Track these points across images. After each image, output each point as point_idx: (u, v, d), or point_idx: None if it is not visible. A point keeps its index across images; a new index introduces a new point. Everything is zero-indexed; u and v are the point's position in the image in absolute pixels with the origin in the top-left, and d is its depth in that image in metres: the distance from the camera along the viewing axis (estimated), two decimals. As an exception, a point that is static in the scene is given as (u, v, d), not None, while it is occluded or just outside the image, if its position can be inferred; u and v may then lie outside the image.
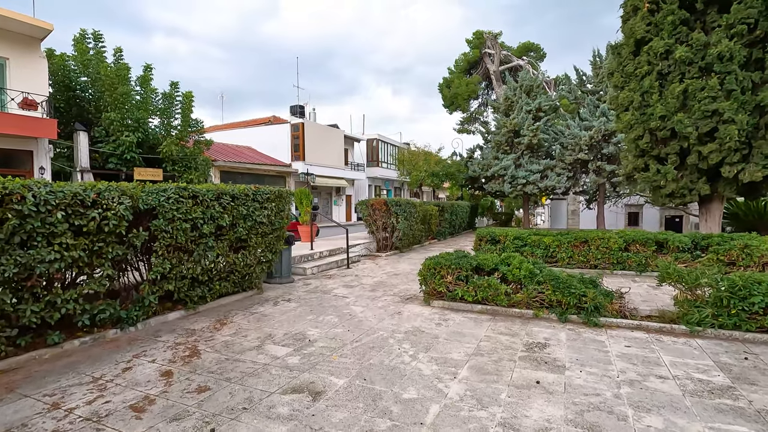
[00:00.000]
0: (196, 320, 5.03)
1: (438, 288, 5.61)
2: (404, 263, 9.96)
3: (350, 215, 32.49)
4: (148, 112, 18.45)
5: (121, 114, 16.87)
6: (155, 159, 18.97)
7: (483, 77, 37.31)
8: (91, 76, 17.23)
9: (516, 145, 20.57)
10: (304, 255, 8.78)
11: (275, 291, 6.64)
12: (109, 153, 17.10)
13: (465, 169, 21.53)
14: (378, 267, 9.34)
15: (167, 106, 19.41)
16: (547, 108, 20.23)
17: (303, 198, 11.77)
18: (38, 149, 14.47)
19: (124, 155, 17.04)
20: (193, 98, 19.66)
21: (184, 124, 19.50)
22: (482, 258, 5.66)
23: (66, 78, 16.89)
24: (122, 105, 16.94)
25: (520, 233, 8.99)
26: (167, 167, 18.87)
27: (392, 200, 11.74)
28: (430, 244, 14.85)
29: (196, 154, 19.30)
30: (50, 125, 13.84)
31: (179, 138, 19.50)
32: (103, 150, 17.11)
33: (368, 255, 11.41)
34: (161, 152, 18.27)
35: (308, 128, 26.40)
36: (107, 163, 17.19)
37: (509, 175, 19.56)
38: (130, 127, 17.12)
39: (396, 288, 6.97)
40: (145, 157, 18.65)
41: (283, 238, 6.62)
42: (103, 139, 17.20)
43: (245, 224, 5.67)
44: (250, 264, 5.96)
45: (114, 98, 16.79)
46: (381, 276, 8.14)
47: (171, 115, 19.64)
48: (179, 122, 19.75)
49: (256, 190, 5.85)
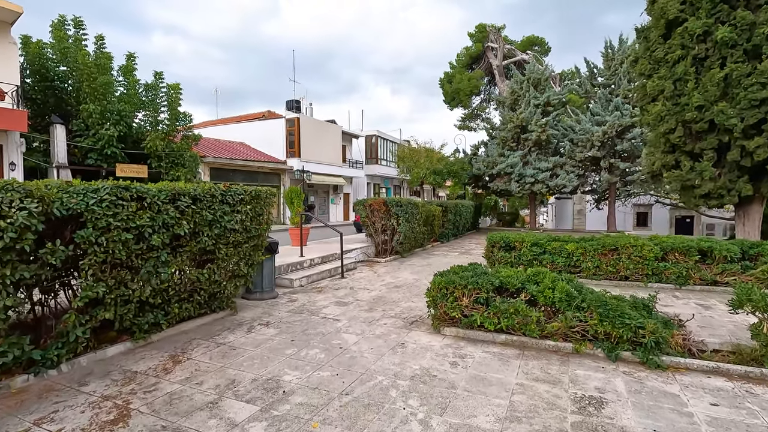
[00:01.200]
0: (144, 356, 3.93)
1: (451, 312, 4.52)
2: (406, 271, 8.88)
3: (348, 214, 31.39)
4: (132, 105, 17.30)
5: (101, 106, 15.71)
6: (140, 155, 17.82)
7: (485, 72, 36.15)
8: (71, 65, 16.05)
9: (523, 142, 19.49)
10: (292, 263, 7.68)
11: (253, 310, 5.54)
12: (88, 148, 15.95)
13: (469, 166, 20.44)
14: (376, 276, 8.25)
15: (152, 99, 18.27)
16: (556, 102, 19.13)
17: (294, 197, 10.67)
18: (8, 143, 13.32)
19: (104, 150, 15.88)
20: (180, 90, 18.52)
21: (171, 118, 18.37)
22: (505, 275, 4.57)
23: (42, 67, 15.71)
24: (102, 96, 15.79)
25: (538, 239, 7.90)
26: (152, 164, 17.74)
27: (392, 200, 10.64)
28: (433, 247, 13.76)
29: (183, 149, 18.16)
30: (20, 117, 12.69)
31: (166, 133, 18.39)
32: (81, 144, 15.96)
33: (366, 261, 10.31)
34: (146, 147, 17.13)
35: (304, 123, 25.26)
36: (87, 158, 16.04)
37: (516, 173, 18.47)
38: (111, 120, 15.97)
39: (398, 306, 5.88)
40: (129, 153, 17.49)
41: (262, 247, 5.52)
42: (82, 132, 16.03)
43: (211, 232, 4.56)
44: (220, 280, 4.86)
45: (93, 89, 15.62)
46: (380, 288, 7.05)
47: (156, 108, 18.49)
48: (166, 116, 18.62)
49: (225, 189, 4.75)
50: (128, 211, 3.71)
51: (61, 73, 16.29)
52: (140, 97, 17.75)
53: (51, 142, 15.49)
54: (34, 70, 15.78)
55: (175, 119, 18.36)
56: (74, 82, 16.25)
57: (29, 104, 16.21)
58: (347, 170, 29.97)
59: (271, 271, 6.27)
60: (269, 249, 6.10)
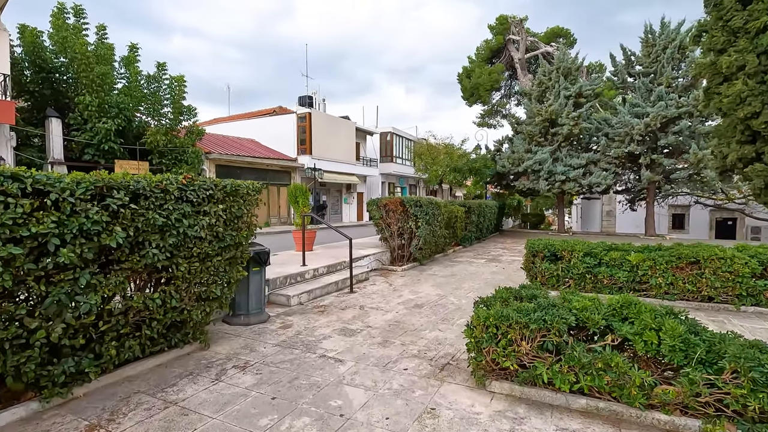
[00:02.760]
0: (50, 427, 2.65)
1: (503, 361, 3.11)
2: (427, 283, 7.48)
3: (362, 215, 30.11)
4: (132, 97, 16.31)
5: (99, 98, 14.73)
6: (141, 150, 16.84)
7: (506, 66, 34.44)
8: (69, 55, 15.12)
9: (552, 136, 17.86)
10: (292, 275, 6.37)
11: (231, 343, 4.23)
12: (85, 143, 15.00)
13: (492, 164, 18.90)
14: (392, 290, 6.88)
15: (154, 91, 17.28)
16: (589, 93, 17.45)
17: (299, 195, 9.38)
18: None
19: (101, 145, 14.90)
20: (185, 83, 17.45)
21: (175, 112, 17.35)
22: (579, 306, 3.15)
23: (38, 57, 14.81)
24: (100, 87, 14.81)
25: (591, 248, 6.41)
26: (153, 160, 16.73)
27: (410, 200, 9.27)
28: (455, 252, 12.32)
29: (186, 144, 17.11)
30: (7, 108, 11.73)
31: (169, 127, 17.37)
32: (78, 139, 15.02)
33: (380, 269, 8.96)
34: (146, 143, 16.12)
35: (316, 119, 24.06)
36: (84, 154, 15.11)
37: (545, 171, 16.87)
38: (109, 113, 14.98)
39: (421, 337, 4.50)
40: (129, 148, 16.52)
41: (243, 260, 4.20)
42: (80, 126, 15.10)
43: (164, 242, 3.26)
44: (181, 306, 3.57)
45: (91, 80, 14.65)
46: (396, 308, 5.68)
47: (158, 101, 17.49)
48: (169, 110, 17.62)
49: (186, 182, 3.45)
50: (16, 212, 2.42)
51: (59, 64, 15.40)
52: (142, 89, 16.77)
53: (46, 136, 14.58)
54: (31, 61, 14.90)
55: (179, 113, 17.35)
56: (72, 73, 15.31)
57: (26, 97, 15.37)
58: (361, 168, 28.69)
59: (260, 288, 4.96)
60: (257, 260, 4.79)
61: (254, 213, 4.21)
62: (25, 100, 15.40)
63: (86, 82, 14.61)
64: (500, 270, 9.14)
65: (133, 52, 17.31)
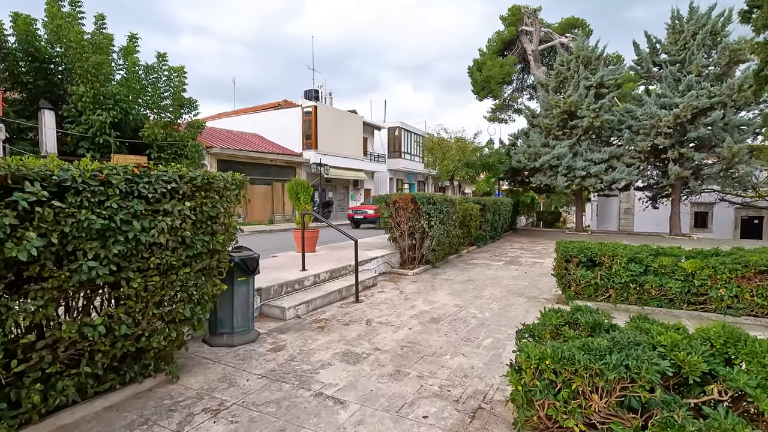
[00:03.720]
0: None
1: (563, 419, 2.25)
2: (442, 290, 6.63)
3: (369, 211, 29.30)
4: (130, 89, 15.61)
5: (94, 88, 14.05)
6: (140, 144, 16.16)
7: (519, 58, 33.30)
8: (64, 44, 14.42)
9: (570, 130, 16.85)
10: (289, 282, 5.55)
11: (206, 373, 3.42)
12: (79, 136, 14.34)
13: (506, 159, 17.93)
14: (403, 299, 6.04)
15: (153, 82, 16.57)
16: (611, 83, 16.39)
17: (300, 191, 8.56)
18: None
19: (96, 138, 14.24)
20: (185, 74, 16.71)
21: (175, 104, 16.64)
22: (666, 341, 2.28)
23: (30, 46, 14.14)
24: (95, 78, 14.12)
25: (636, 252, 5.51)
26: (152, 154, 16.03)
27: (422, 196, 8.41)
28: (469, 253, 11.45)
29: (185, 138, 16.39)
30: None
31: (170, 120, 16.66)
32: (72, 132, 14.36)
33: (389, 272, 8.12)
34: (144, 136, 15.43)
35: (322, 112, 23.24)
36: (78, 147, 14.45)
37: (564, 166, 15.87)
38: (105, 105, 14.30)
39: (441, 366, 3.65)
40: (127, 142, 15.84)
41: (221, 270, 3.39)
42: (74, 119, 14.44)
43: (107, 251, 2.45)
44: (136, 332, 2.76)
45: (85, 69, 13.96)
46: (409, 323, 4.84)
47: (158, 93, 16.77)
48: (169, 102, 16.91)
49: (140, 172, 2.64)
50: None
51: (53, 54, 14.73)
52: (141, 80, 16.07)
53: (39, 129, 13.94)
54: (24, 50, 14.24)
55: (179, 106, 16.64)
56: (67, 63, 14.63)
57: (20, 89, 14.75)
58: (368, 164, 27.87)
59: (248, 302, 4.14)
60: (243, 269, 3.98)
61: (234, 212, 3.38)
62: (19, 92, 14.78)
63: (81, 72, 13.92)
64: (522, 274, 8.25)
65: (132, 42, 16.62)
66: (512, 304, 5.85)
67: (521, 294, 6.53)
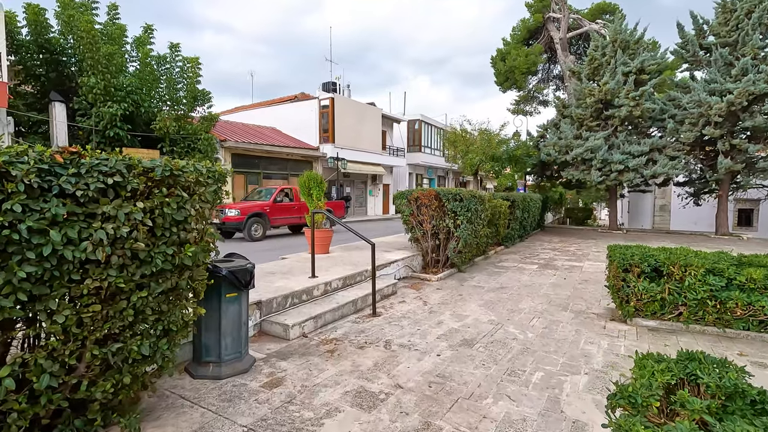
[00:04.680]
0: None
1: None
2: (472, 301, 5.74)
3: (388, 207, 28.49)
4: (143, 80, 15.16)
5: (105, 80, 13.61)
6: (152, 138, 15.72)
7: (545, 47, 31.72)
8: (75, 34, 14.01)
9: (606, 120, 15.58)
10: (295, 292, 4.77)
11: (177, 423, 2.65)
12: (90, 129, 13.95)
13: (535, 152, 16.78)
14: (428, 312, 5.19)
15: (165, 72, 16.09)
16: (652, 68, 15.01)
17: (313, 186, 7.78)
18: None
19: (106, 131, 13.83)
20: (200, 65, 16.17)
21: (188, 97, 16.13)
22: None
23: (39, 36, 13.79)
24: (106, 68, 13.67)
25: (713, 262, 4.50)
26: (164, 148, 15.58)
27: (448, 192, 7.52)
28: (497, 254, 10.49)
29: (198, 131, 15.86)
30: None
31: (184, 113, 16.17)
32: (82, 125, 13.98)
33: (410, 277, 7.29)
34: (155, 129, 14.96)
35: (339, 105, 22.47)
36: (89, 141, 14.07)
37: (599, 159, 14.65)
38: (116, 97, 13.85)
39: (483, 417, 2.78)
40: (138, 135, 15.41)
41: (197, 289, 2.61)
42: (85, 111, 14.06)
43: (9, 273, 1.67)
44: (74, 380, 2.00)
45: (96, 60, 13.52)
46: (437, 346, 4.00)
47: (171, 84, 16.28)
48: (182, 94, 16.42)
49: (63, 159, 1.85)
50: None
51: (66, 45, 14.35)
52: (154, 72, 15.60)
53: (50, 122, 13.61)
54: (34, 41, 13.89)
55: (193, 98, 16.12)
56: (78, 54, 14.23)
57: (32, 81, 14.45)
58: (387, 158, 27.00)
59: (238, 323, 3.37)
60: (233, 283, 3.20)
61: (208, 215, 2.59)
62: (32, 85, 14.49)
63: (91, 63, 13.48)
64: (561, 281, 7.28)
65: (147, 33, 16.16)
66: (558, 321, 4.93)
67: (565, 307, 5.59)
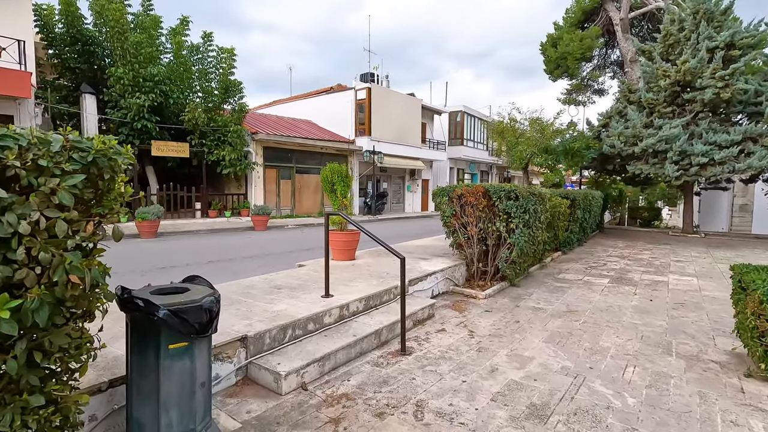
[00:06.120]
0: None
1: None
2: (535, 333, 4.34)
3: (427, 204, 27.06)
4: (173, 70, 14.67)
5: (133, 69, 13.19)
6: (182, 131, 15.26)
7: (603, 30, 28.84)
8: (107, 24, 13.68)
9: (684, 105, 13.35)
10: (299, 320, 3.59)
11: None
12: (119, 121, 13.60)
13: (596, 143, 14.79)
14: (476, 351, 3.87)
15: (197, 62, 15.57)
16: (745, 43, 12.61)
17: (336, 181, 6.62)
18: (19, 113, 11.14)
19: (134, 123, 13.41)
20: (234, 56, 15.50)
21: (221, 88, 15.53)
22: None
23: (71, 26, 13.56)
24: (134, 58, 13.24)
25: None
26: (193, 141, 15.05)
27: (499, 189, 6.12)
28: (555, 261, 8.92)
29: (228, 123, 15.21)
30: (21, 80, 10.30)
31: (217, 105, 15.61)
32: (112, 117, 13.65)
33: (451, 292, 5.97)
34: (184, 120, 14.43)
35: (376, 95, 21.28)
36: (119, 134, 13.74)
37: (675, 151, 12.52)
38: (144, 88, 13.40)
39: None
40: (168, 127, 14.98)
41: (61, 369, 1.46)
42: (116, 103, 13.75)
43: None
44: None
45: (125, 49, 13.09)
46: (493, 417, 2.68)
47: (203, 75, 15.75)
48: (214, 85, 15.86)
49: None
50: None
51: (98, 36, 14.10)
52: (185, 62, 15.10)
53: (81, 114, 13.38)
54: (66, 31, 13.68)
55: (225, 89, 15.52)
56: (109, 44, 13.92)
57: (67, 74, 14.34)
58: (427, 152, 25.54)
59: (191, 386, 2.21)
60: (177, 327, 2.06)
61: (85, 232, 1.43)
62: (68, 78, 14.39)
63: (120, 53, 13.07)
64: (647, 304, 5.68)
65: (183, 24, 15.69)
66: (664, 374, 3.46)
67: (667, 348, 4.08)
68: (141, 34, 13.59)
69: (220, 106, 15.88)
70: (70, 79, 14.64)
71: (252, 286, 4.71)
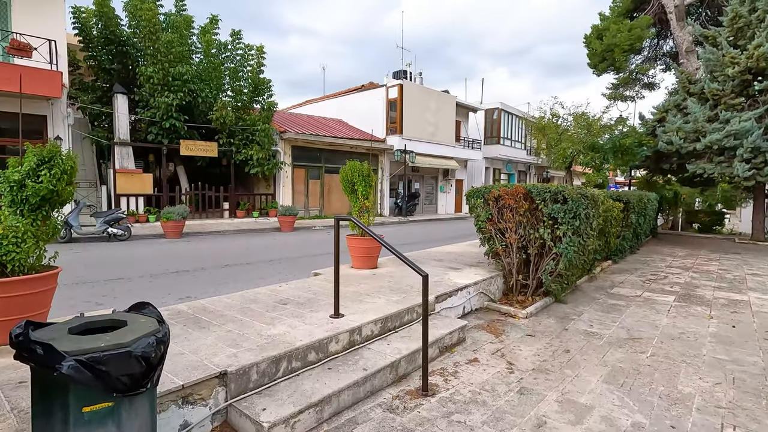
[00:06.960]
0: None
1: None
2: (590, 369, 3.49)
3: (461, 206, 26.04)
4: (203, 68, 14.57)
5: (163, 69, 13.14)
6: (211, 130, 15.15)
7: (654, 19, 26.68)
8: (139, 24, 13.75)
9: (757, 95, 11.77)
10: (297, 349, 2.95)
11: None
12: (149, 120, 13.60)
13: (650, 140, 13.38)
14: (517, 394, 3.08)
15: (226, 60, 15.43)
16: (834, 22, 10.90)
17: (357, 180, 5.96)
18: (52, 114, 11.27)
19: (163, 122, 13.36)
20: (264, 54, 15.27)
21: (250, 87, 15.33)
22: None
23: (105, 26, 13.71)
24: (165, 58, 13.19)
25: None
26: (221, 140, 14.90)
27: (543, 190, 5.28)
28: (605, 272, 7.87)
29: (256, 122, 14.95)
30: (51, 79, 10.34)
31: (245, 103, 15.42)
32: (141, 116, 13.68)
33: (486, 310, 5.16)
34: (213, 119, 14.28)
35: (409, 92, 20.54)
36: (149, 133, 13.76)
37: (747, 148, 11.01)
38: (173, 86, 13.33)
39: None
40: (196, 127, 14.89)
41: None
42: (147, 102, 13.78)
43: None
44: None
45: (156, 49, 13.07)
46: None
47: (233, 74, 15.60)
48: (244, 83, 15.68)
49: None
50: None
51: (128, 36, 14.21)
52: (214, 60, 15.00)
53: (113, 114, 13.48)
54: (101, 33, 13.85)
55: (254, 88, 15.30)
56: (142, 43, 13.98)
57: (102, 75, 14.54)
58: (461, 151, 24.53)
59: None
60: (99, 385, 1.44)
61: None
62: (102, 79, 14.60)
63: (151, 52, 13.07)
64: (729, 331, 4.65)
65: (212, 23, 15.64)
66: None
67: (764, 395, 3.12)
68: (172, 33, 13.54)
69: (250, 104, 15.68)
70: (104, 80, 14.82)
71: (255, 299, 4.14)
